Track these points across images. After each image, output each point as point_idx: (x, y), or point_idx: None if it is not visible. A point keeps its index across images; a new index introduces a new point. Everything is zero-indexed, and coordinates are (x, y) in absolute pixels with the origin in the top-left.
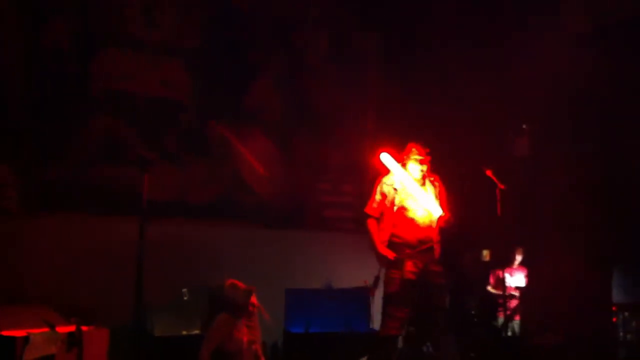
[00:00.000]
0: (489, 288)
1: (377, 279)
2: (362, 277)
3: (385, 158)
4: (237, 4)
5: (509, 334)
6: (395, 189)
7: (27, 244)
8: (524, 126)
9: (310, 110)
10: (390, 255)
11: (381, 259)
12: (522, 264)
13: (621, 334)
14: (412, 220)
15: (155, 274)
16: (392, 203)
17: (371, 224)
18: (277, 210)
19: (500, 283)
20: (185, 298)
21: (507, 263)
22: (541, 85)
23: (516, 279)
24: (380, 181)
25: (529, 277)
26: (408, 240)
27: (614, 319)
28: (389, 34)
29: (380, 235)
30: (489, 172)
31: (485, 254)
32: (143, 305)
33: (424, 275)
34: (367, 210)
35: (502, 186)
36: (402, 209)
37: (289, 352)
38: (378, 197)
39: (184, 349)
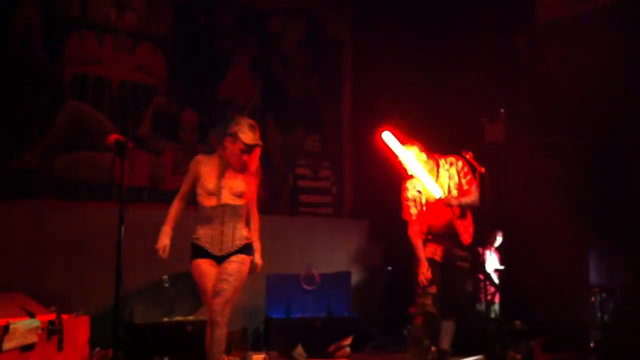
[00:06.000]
0: None
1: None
2: (342, 262)
3: (387, 137)
4: None
5: (492, 316)
6: (419, 192)
7: (1, 232)
8: (501, 110)
9: (286, 96)
10: (428, 275)
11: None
12: (498, 248)
13: (598, 315)
14: (434, 209)
15: (133, 261)
16: (421, 204)
17: (414, 235)
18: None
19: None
20: (166, 285)
21: (487, 244)
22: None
23: (492, 262)
24: (405, 188)
25: (504, 259)
26: (432, 228)
27: (593, 300)
28: (365, 20)
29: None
30: (469, 156)
31: None
32: (124, 292)
33: (447, 258)
34: (406, 217)
35: (481, 169)
36: (428, 204)
37: (270, 338)
38: (410, 203)
39: (165, 336)
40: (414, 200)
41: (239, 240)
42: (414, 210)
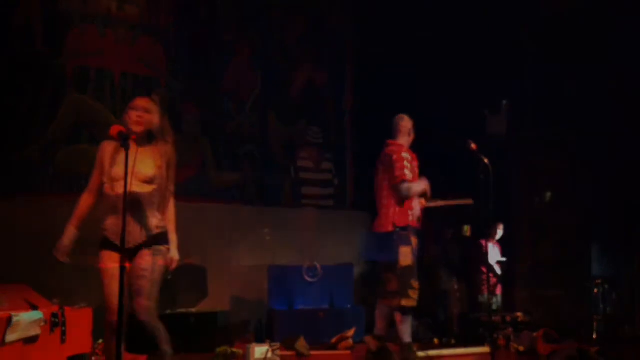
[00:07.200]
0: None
1: None
2: (344, 254)
3: None
4: None
5: (495, 307)
6: (411, 163)
7: (2, 225)
8: (504, 102)
9: (287, 88)
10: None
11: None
12: (499, 240)
13: (601, 306)
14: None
15: None
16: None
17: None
18: (256, 188)
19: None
20: (168, 277)
21: (489, 236)
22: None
23: (494, 254)
24: (401, 152)
25: (506, 252)
26: (412, 222)
27: (595, 291)
28: (366, 12)
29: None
30: (474, 147)
31: (466, 229)
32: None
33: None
34: (403, 175)
35: (485, 161)
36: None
37: (273, 330)
38: (407, 163)
39: (168, 328)
40: (409, 166)
41: (148, 230)
42: (409, 174)
